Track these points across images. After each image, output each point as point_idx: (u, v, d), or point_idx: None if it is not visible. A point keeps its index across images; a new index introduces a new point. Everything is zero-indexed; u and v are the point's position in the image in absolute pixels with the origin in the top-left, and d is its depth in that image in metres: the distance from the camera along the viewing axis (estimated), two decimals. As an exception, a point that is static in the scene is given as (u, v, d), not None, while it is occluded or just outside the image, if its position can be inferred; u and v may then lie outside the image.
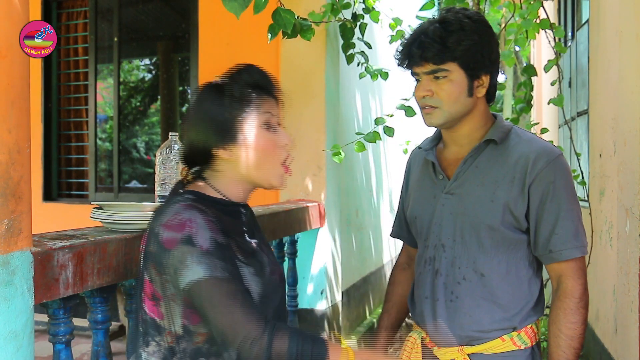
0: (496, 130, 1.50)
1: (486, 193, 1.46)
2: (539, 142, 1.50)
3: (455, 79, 1.43)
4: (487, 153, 1.49)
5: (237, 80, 1.29)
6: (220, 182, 1.32)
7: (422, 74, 1.46)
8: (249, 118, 1.28)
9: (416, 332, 1.58)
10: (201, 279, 1.15)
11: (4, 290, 1.24)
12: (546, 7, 3.57)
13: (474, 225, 1.46)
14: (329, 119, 3.57)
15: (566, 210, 1.43)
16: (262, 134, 1.29)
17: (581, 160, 3.70)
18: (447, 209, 1.50)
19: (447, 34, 1.41)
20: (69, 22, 4.80)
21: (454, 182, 1.50)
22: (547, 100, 3.63)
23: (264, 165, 1.31)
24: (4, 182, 1.24)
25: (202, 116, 1.29)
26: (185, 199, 1.25)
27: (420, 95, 1.46)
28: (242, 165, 1.29)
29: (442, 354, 1.51)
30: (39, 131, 4.65)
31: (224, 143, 1.28)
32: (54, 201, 4.68)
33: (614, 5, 3.02)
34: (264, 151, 1.30)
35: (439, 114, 1.45)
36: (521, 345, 1.46)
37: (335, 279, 3.67)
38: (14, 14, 1.28)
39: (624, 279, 2.55)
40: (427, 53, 1.41)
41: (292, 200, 3.49)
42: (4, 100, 1.24)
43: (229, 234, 1.24)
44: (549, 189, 1.42)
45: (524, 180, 1.44)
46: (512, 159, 1.46)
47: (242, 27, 3.71)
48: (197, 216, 1.19)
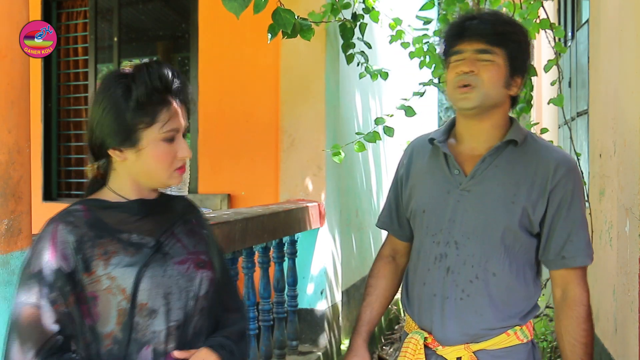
0: (516, 132, 1.51)
1: (507, 194, 1.46)
2: (558, 149, 1.55)
3: (499, 65, 1.45)
4: (507, 154, 1.50)
5: (143, 82, 1.21)
6: (116, 182, 1.29)
7: (468, 51, 1.46)
8: (152, 129, 1.22)
9: (417, 332, 1.55)
10: (19, 301, 1.17)
11: (4, 290, 1.24)
12: (546, 7, 3.57)
13: (491, 225, 1.46)
14: (329, 119, 3.57)
15: (581, 219, 1.49)
16: (161, 147, 1.23)
17: (581, 160, 3.70)
18: (463, 205, 1.49)
19: (505, 24, 1.48)
20: (69, 22, 4.80)
21: (471, 179, 1.49)
22: (547, 100, 3.63)
23: (156, 174, 1.26)
24: (3, 182, 1.24)
25: (106, 111, 1.22)
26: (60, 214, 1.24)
27: (463, 71, 1.45)
28: (134, 169, 1.25)
29: (448, 352, 1.50)
30: (39, 131, 4.65)
31: (119, 145, 1.23)
32: (53, 201, 4.68)
33: (614, 5, 3.02)
34: (157, 163, 1.24)
35: (476, 94, 1.44)
36: (523, 339, 1.50)
37: (335, 279, 3.67)
38: (14, 14, 1.28)
39: (624, 279, 2.55)
40: (485, 30, 1.44)
41: (292, 200, 3.49)
42: (4, 100, 1.24)
43: (113, 233, 1.23)
44: (567, 196, 1.46)
45: (544, 186, 1.46)
46: (533, 163, 1.48)
47: (242, 27, 3.71)
48: (47, 236, 1.19)
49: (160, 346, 1.23)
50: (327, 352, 3.45)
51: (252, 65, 3.94)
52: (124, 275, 1.20)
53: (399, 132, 3.62)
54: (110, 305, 1.20)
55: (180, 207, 1.38)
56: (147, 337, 1.22)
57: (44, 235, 1.20)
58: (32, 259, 1.18)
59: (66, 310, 1.17)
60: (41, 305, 1.15)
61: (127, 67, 1.25)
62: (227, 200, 3.96)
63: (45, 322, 1.15)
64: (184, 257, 1.29)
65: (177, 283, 1.26)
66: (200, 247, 1.34)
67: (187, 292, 1.27)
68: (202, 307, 1.30)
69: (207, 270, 1.32)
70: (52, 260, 1.17)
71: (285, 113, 3.60)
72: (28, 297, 1.16)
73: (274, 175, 3.81)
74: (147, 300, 1.21)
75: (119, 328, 1.21)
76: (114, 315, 1.20)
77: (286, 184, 3.58)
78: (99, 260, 1.20)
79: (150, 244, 1.26)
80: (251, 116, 3.92)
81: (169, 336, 1.24)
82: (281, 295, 3.10)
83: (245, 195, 3.96)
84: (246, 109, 3.90)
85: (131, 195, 1.28)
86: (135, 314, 1.21)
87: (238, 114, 3.91)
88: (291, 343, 3.25)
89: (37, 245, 1.19)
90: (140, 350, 1.22)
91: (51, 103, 4.77)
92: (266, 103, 3.87)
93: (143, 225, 1.27)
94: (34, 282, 1.16)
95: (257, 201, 3.77)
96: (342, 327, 3.82)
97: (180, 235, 1.32)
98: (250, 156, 3.92)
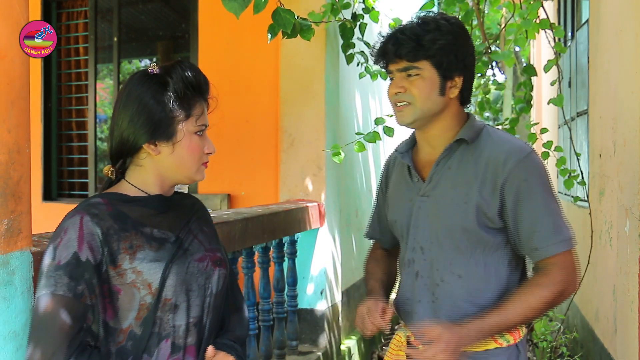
0: (467, 130, 1.51)
1: (459, 195, 1.46)
2: (510, 141, 1.50)
3: (428, 76, 1.45)
4: (459, 154, 1.50)
5: (180, 78, 1.26)
6: (140, 177, 1.31)
7: (395, 71, 1.49)
8: (187, 121, 1.27)
9: (402, 330, 1.60)
10: (45, 293, 1.16)
11: (4, 290, 1.24)
12: (546, 7, 3.57)
13: (449, 228, 1.47)
14: (329, 119, 3.57)
15: (543, 207, 1.43)
16: (194, 140, 1.29)
17: (581, 160, 3.70)
18: (423, 211, 1.52)
19: (423, 32, 1.44)
20: (69, 22, 4.80)
21: (429, 185, 1.52)
22: (547, 100, 3.63)
23: (186, 166, 1.30)
24: (3, 182, 1.24)
25: (139, 108, 1.25)
26: (83, 206, 1.24)
27: (393, 92, 1.49)
28: (165, 162, 1.29)
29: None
30: (39, 131, 4.65)
31: (155, 139, 1.26)
32: (53, 201, 4.68)
33: (614, 5, 3.02)
34: (190, 155, 1.29)
35: (410, 111, 1.47)
36: (503, 343, 1.48)
37: (335, 279, 3.67)
38: (13, 14, 1.28)
39: (624, 279, 2.55)
40: (402, 50, 1.44)
41: (292, 200, 3.49)
42: (4, 100, 1.24)
43: (137, 227, 1.24)
44: (522, 187, 1.43)
45: (495, 181, 1.44)
46: (482, 160, 1.46)
47: (242, 27, 3.71)
48: (75, 227, 1.19)
49: (179, 340, 1.26)
50: (327, 352, 3.45)
51: (252, 65, 3.94)
52: (151, 271, 1.22)
53: (398, 132, 3.62)
54: (133, 299, 1.21)
55: (190, 205, 1.41)
56: (167, 331, 1.25)
57: (69, 226, 1.19)
58: (59, 250, 1.17)
59: (91, 303, 1.17)
60: (70, 297, 1.15)
61: (153, 68, 1.29)
62: (227, 200, 3.96)
63: (75, 316, 1.15)
64: (203, 255, 1.33)
65: (197, 280, 1.29)
66: (213, 244, 1.38)
67: (204, 289, 1.30)
68: (217, 304, 1.34)
69: (222, 268, 1.36)
70: (81, 252, 1.17)
71: (285, 113, 3.60)
72: (56, 288, 1.15)
73: (274, 175, 3.81)
74: (171, 295, 1.24)
75: (138, 323, 1.22)
76: (135, 309, 1.22)
77: (286, 184, 3.58)
78: (125, 254, 1.21)
79: (171, 239, 1.28)
80: (251, 116, 3.92)
81: (188, 331, 1.27)
82: (281, 295, 3.10)
83: (245, 195, 3.96)
84: (246, 108, 3.90)
85: (153, 191, 1.31)
86: (159, 308, 1.23)
87: (238, 114, 3.91)
88: (291, 343, 3.25)
89: (63, 236, 1.19)
90: (160, 344, 1.24)
91: (51, 103, 4.77)
92: (266, 103, 3.87)
93: (163, 221, 1.30)
94: (62, 273, 1.16)
95: (257, 201, 3.77)
96: (342, 327, 3.82)
97: (196, 231, 1.35)
98: (250, 156, 3.93)
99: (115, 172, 1.33)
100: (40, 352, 1.14)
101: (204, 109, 1.32)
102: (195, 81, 1.28)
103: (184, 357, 1.26)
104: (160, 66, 1.29)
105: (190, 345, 1.27)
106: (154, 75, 1.28)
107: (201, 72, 1.32)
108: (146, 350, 1.23)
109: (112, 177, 1.34)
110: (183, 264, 1.27)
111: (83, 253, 1.18)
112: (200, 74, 1.31)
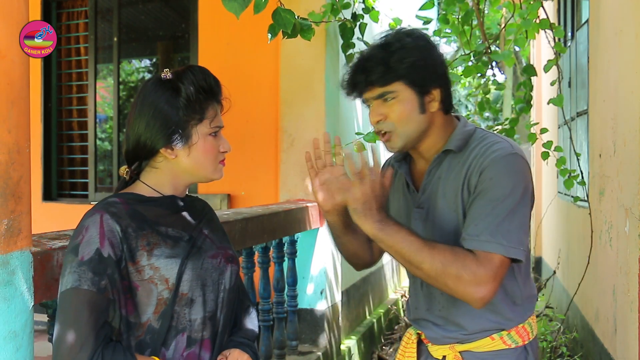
0: (454, 139, 1.47)
1: (448, 203, 1.45)
2: (497, 143, 1.43)
3: (405, 98, 1.41)
4: (448, 162, 1.47)
5: (191, 82, 1.30)
6: (156, 178, 1.35)
7: (371, 99, 1.45)
8: (201, 124, 1.31)
9: (413, 328, 1.63)
10: (70, 288, 1.18)
11: (4, 290, 1.24)
12: (546, 7, 3.58)
13: (443, 237, 1.44)
14: (329, 119, 3.57)
15: (498, 206, 1.33)
16: (209, 141, 1.33)
17: (581, 160, 3.70)
18: (419, 222, 1.51)
19: (389, 54, 1.40)
20: (69, 22, 4.80)
21: (422, 195, 1.51)
22: (547, 100, 3.63)
23: (203, 167, 1.34)
24: (3, 182, 1.24)
25: (155, 114, 1.29)
26: (101, 205, 1.27)
27: (374, 121, 1.45)
28: (182, 165, 1.33)
29: (435, 350, 1.54)
30: (39, 131, 4.65)
31: (171, 143, 1.30)
32: (53, 201, 4.68)
33: (613, 5, 3.02)
34: (206, 156, 1.33)
35: (395, 138, 1.44)
36: (511, 344, 1.47)
37: (335, 279, 3.67)
38: (13, 14, 1.28)
39: (624, 279, 2.55)
40: (372, 77, 1.40)
41: (292, 200, 3.49)
42: (4, 100, 1.24)
43: (152, 226, 1.28)
44: (485, 184, 1.36)
45: (470, 182, 1.40)
46: (467, 165, 1.43)
47: (242, 27, 3.71)
48: (95, 225, 1.22)
49: (195, 334, 1.30)
50: (326, 352, 3.45)
51: (252, 65, 3.94)
52: (167, 266, 1.26)
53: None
54: (151, 294, 1.25)
55: (200, 207, 1.46)
56: (183, 325, 1.29)
57: (90, 224, 1.23)
58: (81, 246, 1.20)
59: (113, 298, 1.21)
60: (94, 291, 1.18)
61: (166, 74, 1.32)
62: (227, 200, 3.96)
63: (100, 309, 1.18)
64: (215, 252, 1.37)
65: (211, 276, 1.34)
66: (224, 242, 1.43)
67: (218, 285, 1.35)
68: (230, 299, 1.38)
69: (234, 264, 1.41)
70: (103, 248, 1.21)
71: (285, 113, 3.60)
72: (80, 283, 1.18)
73: (274, 175, 3.81)
74: (187, 290, 1.28)
75: (156, 317, 1.26)
76: (153, 304, 1.26)
77: (286, 184, 3.58)
78: (143, 250, 1.25)
79: (185, 238, 1.33)
80: (251, 116, 3.92)
81: (204, 325, 1.31)
82: (281, 295, 3.10)
83: (245, 195, 3.96)
84: (246, 108, 3.90)
85: (166, 192, 1.35)
86: (176, 302, 1.27)
87: (238, 114, 3.89)
88: (291, 343, 3.25)
89: (85, 233, 1.22)
90: (177, 337, 1.28)
91: (51, 103, 4.77)
92: (266, 103, 3.87)
93: (177, 221, 1.34)
94: (86, 269, 1.19)
95: (257, 201, 3.77)
96: (342, 327, 3.82)
97: (207, 231, 1.40)
98: (250, 156, 3.93)
99: (131, 172, 1.37)
100: (68, 346, 1.15)
101: (217, 110, 1.36)
102: (206, 84, 1.32)
103: (200, 351, 1.31)
104: (172, 71, 1.33)
105: (205, 338, 1.32)
106: (167, 80, 1.31)
107: (212, 75, 1.35)
108: (164, 343, 1.27)
109: (127, 178, 1.37)
110: (198, 260, 1.32)
111: (105, 249, 1.21)
112: (210, 77, 1.34)
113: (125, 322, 1.24)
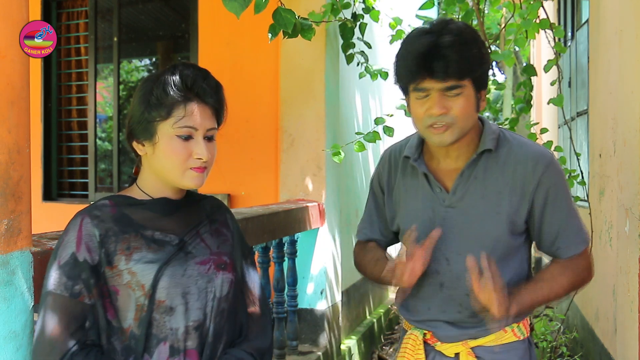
0: (487, 139, 1.48)
1: (490, 205, 1.45)
2: (531, 146, 1.50)
3: (469, 94, 1.39)
4: (483, 163, 1.48)
5: (164, 79, 1.27)
6: (144, 178, 1.34)
7: (435, 89, 1.37)
8: (166, 123, 1.25)
9: (416, 329, 1.58)
10: (46, 292, 1.20)
11: (4, 290, 1.24)
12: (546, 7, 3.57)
13: (480, 238, 1.45)
14: (329, 119, 3.57)
15: (567, 210, 1.49)
16: (175, 143, 1.25)
17: (581, 160, 3.70)
18: (450, 222, 1.48)
19: (465, 48, 1.36)
20: (69, 22, 4.80)
21: (454, 196, 1.49)
22: (547, 100, 3.63)
23: (166, 170, 1.28)
24: (3, 182, 1.24)
25: (131, 108, 1.31)
26: (88, 208, 1.28)
27: (435, 114, 1.38)
28: (152, 163, 1.30)
29: (446, 348, 1.53)
30: (39, 131, 4.65)
31: (140, 137, 1.29)
32: (53, 201, 4.68)
33: (614, 5, 3.02)
34: (168, 159, 1.26)
35: (453, 132, 1.40)
36: (520, 336, 1.52)
37: (335, 279, 3.67)
38: (13, 14, 1.28)
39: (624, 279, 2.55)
40: (452, 68, 1.34)
41: (292, 200, 3.49)
42: (4, 100, 1.24)
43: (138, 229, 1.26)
44: (551, 191, 1.46)
45: (526, 187, 1.45)
46: (509, 167, 1.46)
47: (242, 27, 3.71)
48: (75, 228, 1.23)
49: (177, 343, 1.25)
50: (327, 352, 3.45)
51: (252, 65, 3.94)
52: (144, 272, 1.24)
53: (398, 132, 3.62)
54: (130, 300, 1.23)
55: (208, 207, 1.42)
56: (164, 333, 1.25)
57: (71, 228, 1.24)
58: (59, 250, 1.22)
59: (90, 302, 1.20)
60: (67, 296, 1.18)
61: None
62: (227, 200, 3.96)
63: (72, 314, 1.18)
64: (206, 258, 1.32)
65: (196, 283, 1.28)
66: (223, 248, 1.37)
67: (206, 293, 1.29)
68: (222, 309, 1.32)
69: (227, 272, 1.34)
70: (79, 252, 1.21)
71: (285, 113, 3.60)
72: (55, 287, 1.19)
73: (274, 175, 3.81)
74: (165, 297, 1.24)
75: (136, 324, 1.23)
76: (133, 310, 1.24)
77: (286, 184, 3.58)
78: (121, 254, 1.24)
79: (173, 242, 1.29)
80: (251, 116, 3.92)
81: (188, 334, 1.26)
82: (281, 295, 3.10)
83: (245, 195, 3.96)
84: (246, 108, 3.90)
85: (155, 194, 1.33)
86: (154, 310, 1.24)
87: (238, 114, 3.91)
88: (291, 343, 3.25)
89: (64, 237, 1.23)
90: (158, 345, 1.24)
91: (51, 103, 4.77)
92: (266, 103, 3.87)
93: (167, 224, 1.31)
94: (60, 273, 1.20)
95: (257, 201, 3.77)
96: (342, 327, 3.82)
97: (205, 235, 1.35)
98: (250, 156, 3.92)
99: (134, 170, 1.38)
100: (39, 349, 1.18)
101: (193, 111, 1.26)
102: (181, 82, 1.25)
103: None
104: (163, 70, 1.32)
105: (190, 349, 1.26)
106: (151, 75, 1.31)
107: (201, 74, 1.28)
108: (147, 350, 1.24)
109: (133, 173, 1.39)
110: (181, 266, 1.27)
111: (80, 253, 1.21)
112: (196, 76, 1.27)
113: (110, 326, 1.23)
